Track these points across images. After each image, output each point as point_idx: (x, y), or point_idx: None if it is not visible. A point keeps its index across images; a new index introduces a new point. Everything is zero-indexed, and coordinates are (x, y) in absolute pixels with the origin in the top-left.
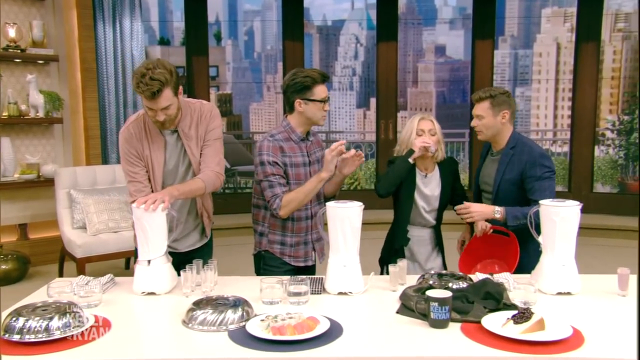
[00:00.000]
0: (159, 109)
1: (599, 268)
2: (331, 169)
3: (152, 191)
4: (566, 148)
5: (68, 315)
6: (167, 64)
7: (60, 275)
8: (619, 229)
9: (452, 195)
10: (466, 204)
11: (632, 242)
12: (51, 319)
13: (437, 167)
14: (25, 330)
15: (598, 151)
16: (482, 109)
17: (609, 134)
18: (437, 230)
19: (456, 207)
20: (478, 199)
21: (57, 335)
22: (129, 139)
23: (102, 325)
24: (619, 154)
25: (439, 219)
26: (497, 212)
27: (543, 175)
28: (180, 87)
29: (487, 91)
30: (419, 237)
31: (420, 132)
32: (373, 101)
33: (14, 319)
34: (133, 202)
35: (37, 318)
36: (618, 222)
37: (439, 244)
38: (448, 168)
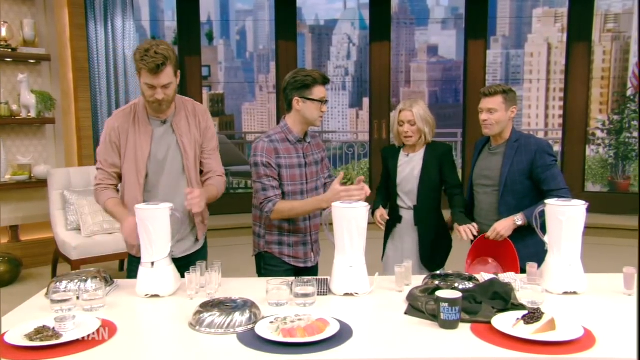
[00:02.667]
0: (160, 86)
1: (591, 267)
2: (332, 202)
3: (120, 181)
4: (558, 147)
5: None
6: (169, 44)
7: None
8: (610, 227)
9: (441, 184)
10: (492, 229)
11: (623, 241)
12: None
13: (424, 148)
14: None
15: (588, 150)
16: (495, 102)
17: (599, 133)
18: (416, 215)
19: (486, 237)
20: (470, 196)
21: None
22: (114, 127)
23: (108, 328)
24: (609, 154)
25: (420, 204)
26: (518, 219)
27: (552, 163)
28: (178, 72)
29: (499, 86)
30: (402, 218)
31: (401, 124)
32: (366, 101)
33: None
34: (97, 185)
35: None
36: (609, 221)
37: (419, 232)
38: (435, 151)
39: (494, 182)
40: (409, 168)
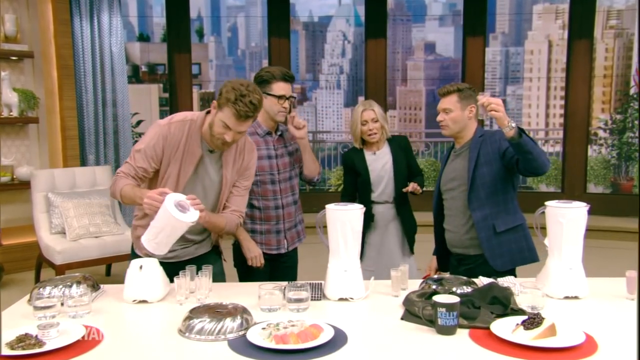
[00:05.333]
0: (236, 132)
1: (593, 270)
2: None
3: None
4: (559, 148)
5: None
6: (260, 92)
7: (37, 283)
8: (612, 230)
9: (409, 172)
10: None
11: (626, 244)
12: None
13: (386, 144)
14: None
15: (590, 151)
16: (449, 102)
17: (601, 133)
18: (397, 206)
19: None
20: (439, 205)
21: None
22: (165, 137)
23: (95, 336)
24: (611, 154)
25: (398, 195)
26: (512, 124)
27: None
28: None
29: (453, 85)
30: (381, 213)
31: (364, 122)
32: (361, 100)
33: None
34: (118, 173)
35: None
36: (611, 223)
37: (402, 221)
38: (398, 144)
39: (461, 181)
40: (380, 165)
